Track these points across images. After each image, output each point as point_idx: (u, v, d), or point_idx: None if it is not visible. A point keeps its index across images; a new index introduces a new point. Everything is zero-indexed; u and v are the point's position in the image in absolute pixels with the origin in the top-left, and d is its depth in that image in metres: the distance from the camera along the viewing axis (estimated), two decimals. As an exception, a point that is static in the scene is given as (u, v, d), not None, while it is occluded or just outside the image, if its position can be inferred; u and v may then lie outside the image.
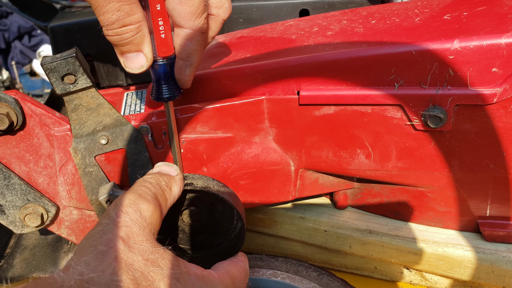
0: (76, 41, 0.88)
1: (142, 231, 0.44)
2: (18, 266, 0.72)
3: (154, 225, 0.47)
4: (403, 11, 0.68)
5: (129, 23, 0.48)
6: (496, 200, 0.63)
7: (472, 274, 0.65)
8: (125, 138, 0.60)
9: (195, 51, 0.53)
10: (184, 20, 0.50)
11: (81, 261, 0.40)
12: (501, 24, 0.54)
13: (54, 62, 0.52)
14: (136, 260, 0.41)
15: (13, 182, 0.61)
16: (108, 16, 0.47)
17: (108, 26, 0.48)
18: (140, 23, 0.49)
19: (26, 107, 0.59)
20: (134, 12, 0.48)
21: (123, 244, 0.42)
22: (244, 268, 0.55)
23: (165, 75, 0.55)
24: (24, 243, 0.78)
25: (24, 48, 4.25)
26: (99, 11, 0.47)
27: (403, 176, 0.64)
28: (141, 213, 0.45)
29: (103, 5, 0.47)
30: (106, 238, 0.42)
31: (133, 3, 0.48)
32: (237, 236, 0.60)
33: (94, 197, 0.62)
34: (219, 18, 0.54)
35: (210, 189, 0.55)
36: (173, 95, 0.56)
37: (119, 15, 0.47)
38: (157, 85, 0.56)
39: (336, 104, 0.60)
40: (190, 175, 0.57)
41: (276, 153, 0.65)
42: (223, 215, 0.59)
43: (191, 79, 0.56)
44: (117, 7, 0.47)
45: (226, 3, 0.53)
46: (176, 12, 0.49)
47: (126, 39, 0.50)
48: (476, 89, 0.55)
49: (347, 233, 0.70)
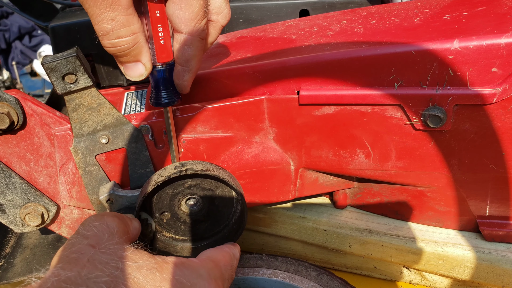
0: (76, 41, 0.88)
1: (111, 237, 0.46)
2: (19, 266, 0.72)
3: (125, 233, 0.49)
4: (403, 11, 0.68)
5: (125, 34, 0.49)
6: (496, 199, 0.63)
7: (472, 274, 0.65)
8: (126, 138, 0.60)
9: (194, 57, 0.53)
10: (183, 25, 0.50)
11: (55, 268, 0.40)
12: (501, 24, 0.55)
13: (55, 61, 0.52)
14: (110, 259, 0.43)
15: (14, 181, 0.61)
16: (103, 26, 0.48)
17: (103, 36, 0.48)
18: (136, 35, 0.49)
19: (26, 106, 0.59)
20: (130, 23, 0.48)
21: (94, 249, 0.43)
22: (229, 252, 0.55)
23: (164, 80, 0.55)
24: (25, 243, 0.78)
25: (24, 48, 4.25)
26: (94, 19, 0.48)
27: (403, 176, 0.64)
28: (108, 224, 0.48)
29: (98, 14, 0.47)
30: (76, 248, 0.43)
31: (129, 14, 0.48)
32: (238, 219, 0.60)
33: (95, 196, 0.62)
34: (218, 24, 0.54)
35: (210, 171, 0.55)
36: (171, 101, 0.57)
37: (114, 25, 0.47)
38: (156, 90, 0.56)
39: (336, 104, 0.60)
40: (188, 161, 0.57)
41: (276, 152, 0.65)
42: (223, 200, 0.59)
43: (189, 84, 0.56)
44: (112, 17, 0.47)
45: (225, 10, 0.53)
46: (176, 17, 0.49)
47: (123, 51, 0.50)
48: (475, 89, 0.55)
49: (347, 232, 0.70)
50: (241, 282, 0.63)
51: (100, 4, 0.46)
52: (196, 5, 0.49)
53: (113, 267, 0.42)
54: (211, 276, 0.48)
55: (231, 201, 0.59)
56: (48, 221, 0.64)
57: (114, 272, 0.41)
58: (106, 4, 0.46)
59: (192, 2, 0.48)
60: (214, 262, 0.51)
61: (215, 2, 0.52)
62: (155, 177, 0.56)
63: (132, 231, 0.52)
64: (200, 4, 0.49)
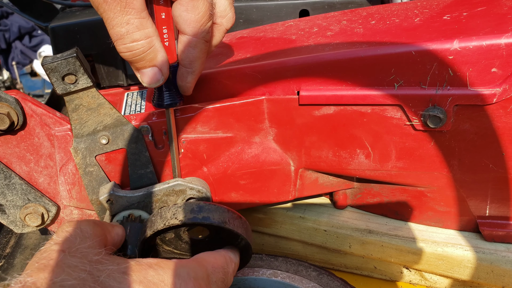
0: (76, 41, 0.88)
1: (83, 241, 0.45)
2: (19, 266, 0.72)
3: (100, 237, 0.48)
4: (402, 12, 0.68)
5: (139, 38, 0.49)
6: (496, 200, 0.63)
7: (472, 274, 0.65)
8: (126, 138, 0.60)
9: (198, 59, 0.54)
10: (189, 27, 0.50)
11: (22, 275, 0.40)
12: (501, 24, 0.55)
13: (55, 62, 0.52)
14: (80, 262, 0.42)
15: (14, 182, 0.61)
16: (117, 30, 0.48)
17: (119, 41, 0.49)
18: (151, 38, 0.50)
19: (26, 107, 0.59)
20: (144, 27, 0.49)
21: (64, 253, 0.43)
22: (224, 256, 0.53)
23: (167, 82, 0.55)
24: (25, 243, 0.78)
25: (24, 48, 4.25)
26: (109, 24, 0.48)
27: (403, 176, 0.64)
28: (81, 229, 0.47)
29: (112, 17, 0.47)
30: (46, 254, 0.43)
31: (143, 18, 0.48)
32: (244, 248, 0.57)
33: (95, 196, 0.62)
34: (222, 27, 0.55)
35: (226, 224, 0.53)
36: (174, 102, 0.57)
37: (128, 28, 0.48)
38: (158, 91, 0.57)
39: (336, 104, 0.60)
40: (205, 206, 0.54)
41: (276, 153, 0.65)
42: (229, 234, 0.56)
43: (192, 86, 0.57)
44: (126, 20, 0.47)
45: (230, 13, 0.54)
46: (182, 19, 0.50)
47: (139, 55, 0.50)
48: (475, 89, 0.55)
49: (347, 232, 0.70)
50: (241, 282, 0.63)
51: (114, 8, 0.46)
52: (202, 7, 0.49)
53: (82, 270, 0.41)
54: (191, 275, 0.46)
55: (236, 236, 0.56)
56: (48, 222, 0.64)
57: (81, 275, 0.40)
58: (120, 8, 0.46)
59: (198, 4, 0.49)
60: (199, 263, 0.49)
61: (220, 6, 0.53)
62: (168, 214, 0.53)
63: (113, 237, 0.51)
64: (206, 7, 0.50)
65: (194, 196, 0.61)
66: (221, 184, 0.65)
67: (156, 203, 0.60)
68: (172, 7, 0.50)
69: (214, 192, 0.65)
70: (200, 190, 0.61)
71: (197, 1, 0.49)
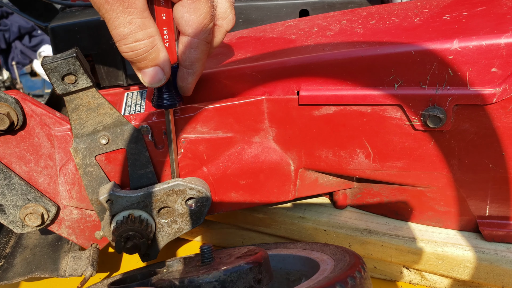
0: (76, 41, 0.88)
1: None
2: (19, 266, 0.72)
3: None
4: (402, 12, 0.68)
5: (142, 37, 0.49)
6: (496, 199, 0.63)
7: (472, 274, 0.65)
8: (126, 138, 0.60)
9: (199, 60, 0.54)
10: (190, 28, 0.51)
11: None
12: (501, 24, 0.55)
13: (55, 62, 0.52)
14: None
15: (14, 182, 0.61)
16: (120, 30, 0.48)
17: (121, 41, 0.49)
18: (153, 38, 0.50)
19: (26, 107, 0.59)
20: (147, 26, 0.49)
21: None
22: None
23: (167, 82, 0.55)
24: (25, 243, 0.78)
25: (24, 48, 4.25)
26: (111, 24, 0.48)
27: (403, 176, 0.64)
28: None
29: (115, 18, 0.47)
30: None
31: (145, 17, 0.48)
32: None
33: (95, 196, 0.62)
34: (222, 29, 0.55)
35: None
36: (173, 103, 0.57)
37: (131, 28, 0.48)
38: (158, 92, 0.57)
39: (335, 104, 0.60)
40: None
41: (276, 153, 0.65)
42: None
43: (193, 87, 0.57)
44: (128, 20, 0.47)
45: (230, 15, 0.54)
46: (184, 20, 0.50)
47: (141, 55, 0.50)
48: (475, 89, 0.55)
49: (347, 232, 0.70)
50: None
51: (116, 9, 0.47)
52: (203, 9, 0.49)
53: None
54: None
55: None
56: (48, 222, 0.64)
57: None
58: (122, 8, 0.47)
59: (200, 6, 0.49)
60: None
61: (221, 8, 0.53)
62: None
63: None
64: (208, 9, 0.50)
65: (194, 196, 0.61)
66: (221, 184, 0.65)
67: (156, 203, 0.60)
68: (173, 9, 0.50)
69: (214, 192, 0.65)
70: (200, 190, 0.61)
71: (199, 2, 0.49)
